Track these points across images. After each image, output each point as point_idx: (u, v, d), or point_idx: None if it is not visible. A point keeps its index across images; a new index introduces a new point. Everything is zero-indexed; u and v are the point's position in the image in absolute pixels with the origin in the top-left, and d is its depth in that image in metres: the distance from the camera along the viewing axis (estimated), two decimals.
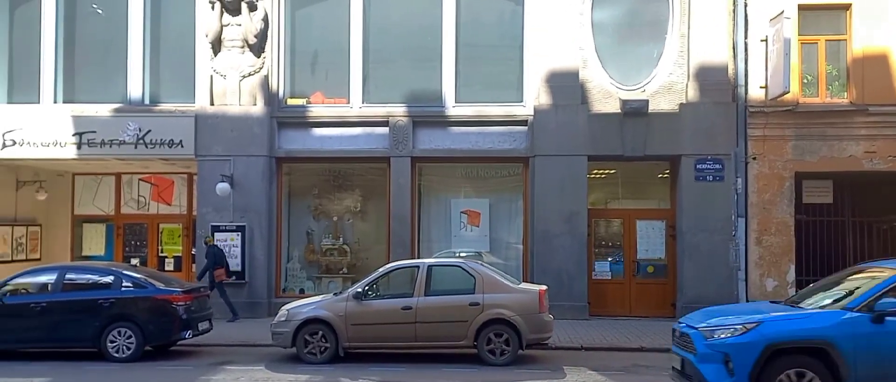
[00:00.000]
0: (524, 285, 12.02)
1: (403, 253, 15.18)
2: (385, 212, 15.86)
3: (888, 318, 7.64)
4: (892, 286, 7.85)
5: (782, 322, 7.95)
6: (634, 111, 15.15)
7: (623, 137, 15.22)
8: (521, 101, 15.73)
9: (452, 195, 16.23)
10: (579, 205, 15.23)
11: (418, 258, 14.83)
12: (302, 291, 16.00)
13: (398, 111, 15.67)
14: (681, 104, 15.26)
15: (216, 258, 15.08)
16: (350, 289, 11.47)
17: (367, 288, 11.27)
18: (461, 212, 16.08)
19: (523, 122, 15.62)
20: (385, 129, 15.64)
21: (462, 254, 15.27)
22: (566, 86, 15.32)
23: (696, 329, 8.28)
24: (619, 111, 15.23)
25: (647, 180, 16.44)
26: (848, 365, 7.60)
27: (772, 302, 10.05)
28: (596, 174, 16.28)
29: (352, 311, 11.17)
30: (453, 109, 15.68)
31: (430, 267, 11.47)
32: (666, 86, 15.43)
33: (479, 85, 15.84)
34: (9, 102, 16.14)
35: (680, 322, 8.87)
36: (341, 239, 16.35)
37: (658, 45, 15.54)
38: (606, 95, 15.43)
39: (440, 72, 15.74)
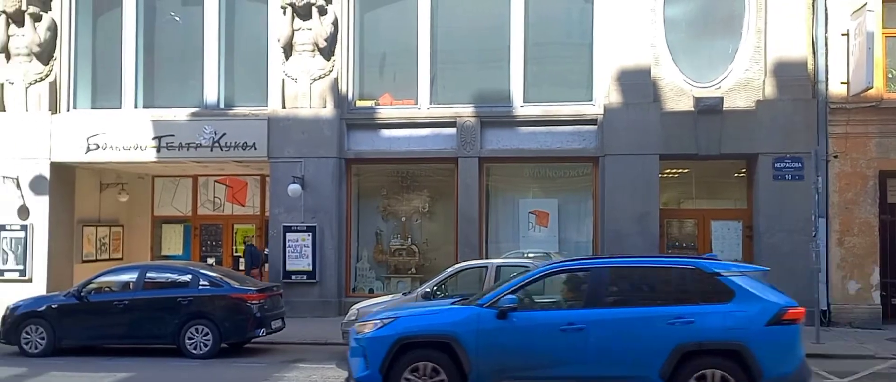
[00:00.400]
0: None
1: (471, 253, 15.03)
2: (453, 213, 15.74)
3: (511, 314, 7.82)
4: (520, 284, 8.13)
5: (414, 318, 8.32)
6: (709, 109, 14.68)
7: (697, 136, 14.76)
8: (591, 100, 15.41)
9: (520, 195, 16.02)
10: (651, 205, 14.83)
11: (486, 259, 14.54)
12: (371, 291, 15.99)
13: (466, 112, 15.56)
14: (757, 101, 14.72)
15: (253, 258, 15.41)
16: (419, 289, 11.38)
17: (435, 288, 11.16)
18: (529, 213, 15.84)
19: (593, 121, 15.31)
20: (453, 130, 15.54)
21: (530, 255, 14.71)
22: (638, 83, 14.95)
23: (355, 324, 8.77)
24: (693, 109, 14.76)
25: (722, 179, 15.90)
26: (469, 359, 7.82)
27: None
28: (668, 173, 15.84)
29: None
30: (521, 109, 15.47)
31: (498, 267, 11.28)
32: (742, 82, 14.91)
33: (548, 84, 15.57)
34: (93, 107, 16.65)
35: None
36: (409, 239, 16.32)
37: (733, 40, 15.03)
38: (679, 93, 15.00)
39: (508, 71, 15.54)
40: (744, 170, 15.45)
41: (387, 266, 16.40)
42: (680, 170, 15.97)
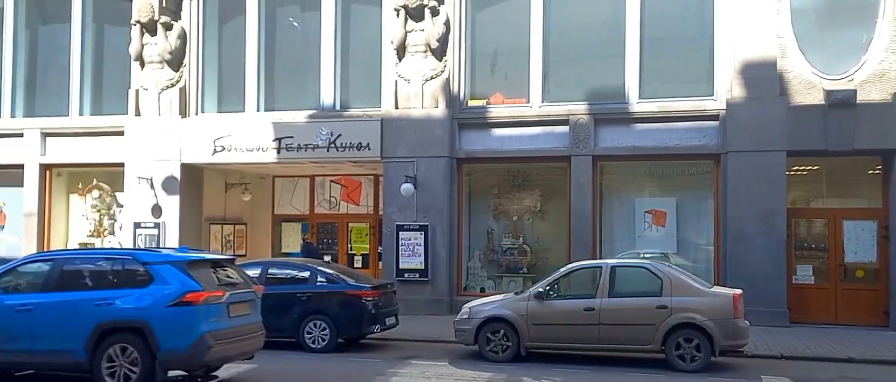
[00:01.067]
0: (716, 288, 11.22)
1: (584, 253, 14.63)
2: (565, 212, 15.35)
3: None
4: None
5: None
6: (840, 102, 13.65)
7: (826, 131, 13.76)
8: (712, 95, 14.63)
9: (636, 194, 15.43)
10: (777, 204, 13.94)
11: (600, 259, 14.22)
12: (482, 290, 15.79)
13: (579, 109, 15.15)
14: (895, 94, 13.64)
15: (309, 254, 15.91)
16: (531, 289, 11.23)
17: (548, 287, 11.00)
18: (645, 212, 15.23)
19: (714, 117, 14.54)
20: (565, 128, 15.17)
21: (647, 255, 14.42)
22: (763, 77, 14.06)
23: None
24: (823, 102, 13.76)
25: (856, 176, 14.75)
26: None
27: None
28: (796, 170, 14.86)
29: (533, 311, 10.91)
30: (637, 105, 14.88)
31: (613, 267, 10.98)
32: (877, 74, 13.79)
33: (665, 79, 14.90)
34: (219, 111, 17.25)
35: None
36: (521, 238, 16.05)
37: (867, 30, 13.91)
38: (808, 86, 14.04)
39: (623, 67, 14.98)
40: (879, 167, 14.29)
41: (498, 265, 16.17)
42: (809, 168, 14.95)
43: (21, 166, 17.91)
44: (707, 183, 14.95)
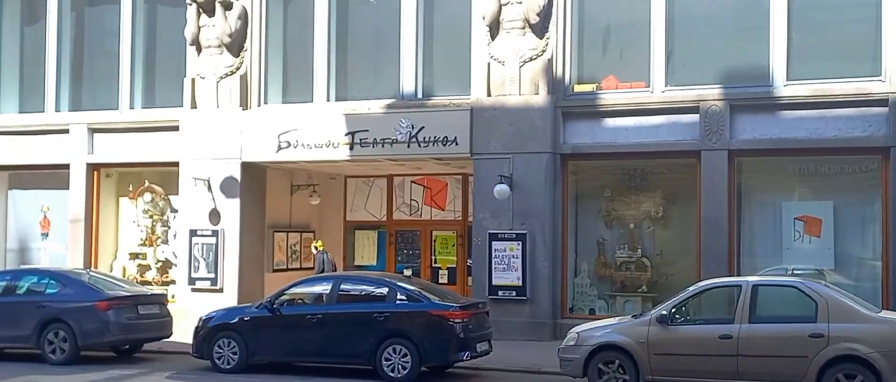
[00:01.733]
0: (885, 313, 10.83)
1: (718, 268, 14.20)
2: (694, 219, 14.94)
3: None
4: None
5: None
6: None
7: None
8: (878, 75, 13.95)
9: (783, 197, 14.90)
10: None
11: (738, 275, 13.89)
12: (592, 312, 15.55)
13: (711, 94, 14.69)
14: None
15: (324, 266, 16.04)
16: (653, 311, 11.02)
17: (674, 310, 10.79)
18: (795, 219, 14.71)
19: (881, 102, 13.83)
20: (694, 117, 14.76)
21: (797, 272, 14.01)
22: None
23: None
24: None
25: None
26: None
27: None
28: None
29: (655, 338, 10.65)
30: (784, 89, 14.34)
31: (755, 286, 10.65)
32: None
33: (819, 57, 14.38)
34: (283, 102, 17.43)
35: None
36: (640, 250, 15.70)
37: None
38: None
39: (767, 43, 14.47)
40: None
41: (611, 282, 15.86)
42: None
43: (66, 166, 18.60)
44: (873, 183, 14.37)
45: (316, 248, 16.71)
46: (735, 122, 14.70)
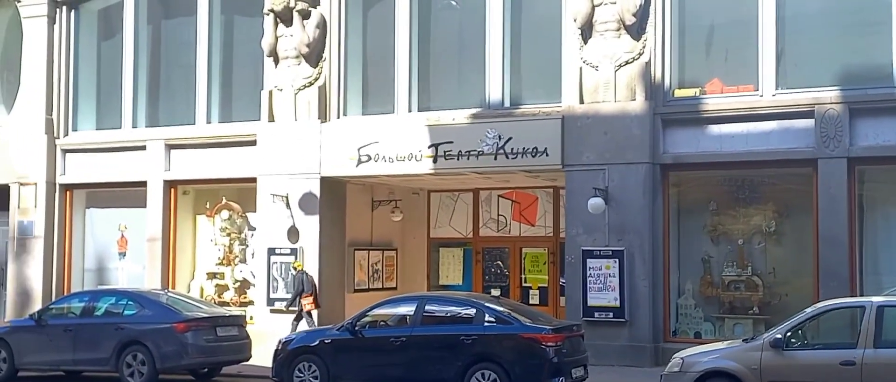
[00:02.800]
0: None
1: (838, 287, 13.69)
2: (810, 234, 14.43)
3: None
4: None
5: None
6: None
7: None
8: None
9: None
10: None
11: (861, 295, 13.34)
12: (697, 335, 15.20)
13: (827, 96, 14.15)
14: None
15: (303, 286, 16.11)
16: (766, 335, 10.68)
17: (789, 333, 10.46)
18: None
19: None
20: (809, 122, 14.25)
21: None
22: None
23: None
24: None
25: None
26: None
27: None
28: None
29: (769, 364, 10.35)
30: None
31: (881, 307, 10.21)
32: None
33: None
34: (363, 114, 17.46)
35: None
36: (749, 268, 15.20)
37: None
38: None
39: (889, 39, 13.94)
40: None
41: (718, 303, 15.42)
42: None
43: (143, 183, 18.98)
44: None
45: (294, 268, 16.65)
46: (855, 127, 14.17)
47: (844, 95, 14.16)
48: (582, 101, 15.53)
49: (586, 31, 15.48)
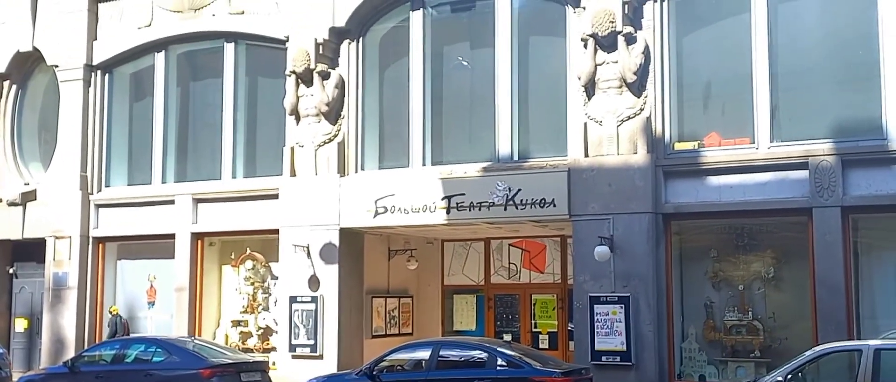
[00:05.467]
0: None
1: (835, 331, 13.52)
2: (808, 279, 14.29)
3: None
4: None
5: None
6: None
7: None
8: None
9: None
10: None
11: (858, 339, 13.19)
12: (702, 378, 15.04)
13: (820, 148, 14.16)
14: None
15: (116, 329, 16.21)
16: (767, 378, 10.75)
17: (790, 376, 10.56)
18: None
19: None
20: (803, 173, 14.24)
21: None
22: None
23: None
24: None
25: None
26: None
27: None
28: None
29: None
30: None
31: (877, 350, 10.31)
32: None
33: None
34: (380, 168, 17.60)
35: None
36: (750, 313, 15.04)
37: None
38: None
39: (879, 92, 13.94)
40: None
41: (721, 346, 15.24)
42: None
43: (172, 236, 19.13)
44: None
45: (111, 312, 16.79)
46: (848, 178, 14.11)
47: (837, 147, 14.15)
48: (587, 155, 15.60)
49: (590, 88, 15.62)
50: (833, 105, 14.59)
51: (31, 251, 20.51)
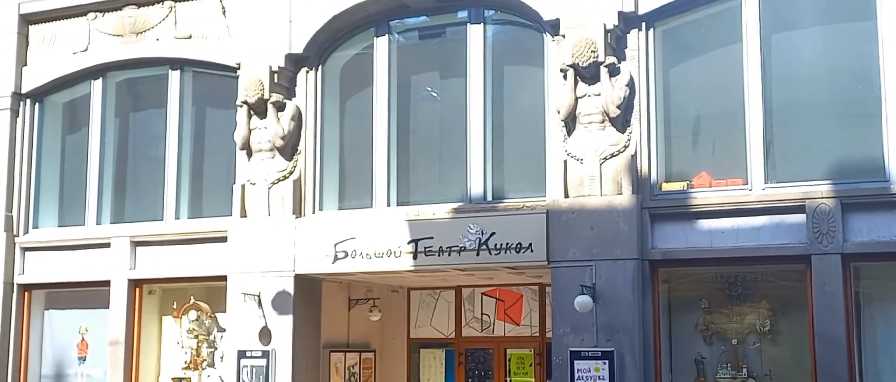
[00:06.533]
0: None
1: None
2: (806, 332, 14.43)
3: None
4: None
5: None
6: None
7: None
8: None
9: None
10: None
11: None
12: None
13: (818, 190, 14.34)
14: None
15: None
16: None
17: None
18: None
19: None
20: (800, 217, 14.40)
21: None
22: None
23: None
24: None
25: None
26: None
27: None
28: None
29: None
30: None
31: None
32: None
33: None
34: (340, 208, 17.61)
35: None
36: (745, 369, 15.18)
37: None
38: None
39: (880, 130, 14.20)
40: None
41: None
42: None
43: (107, 283, 18.94)
44: None
45: None
46: (848, 223, 14.27)
47: (836, 189, 14.30)
48: (567, 195, 15.69)
49: (570, 123, 15.76)
50: (831, 143, 14.79)
51: None
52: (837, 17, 15.18)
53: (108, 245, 19.16)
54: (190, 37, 18.93)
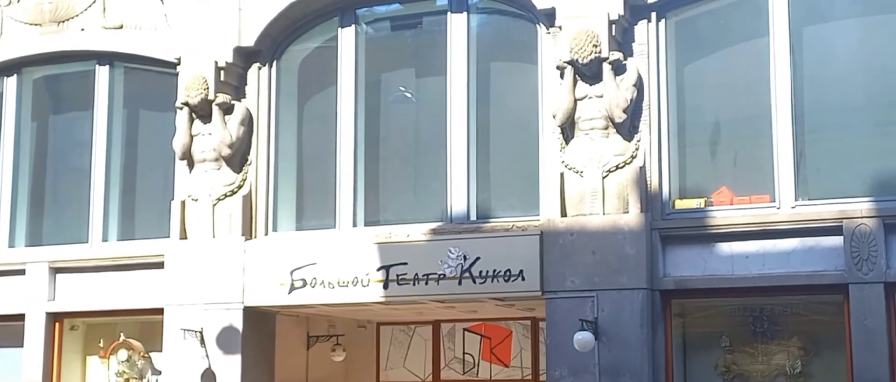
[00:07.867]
0: None
1: None
2: (844, 374, 14.41)
3: None
4: None
5: None
6: None
7: None
8: None
9: None
10: None
11: None
12: None
13: (858, 209, 14.33)
14: None
15: None
16: None
17: None
18: None
19: None
20: (837, 239, 14.39)
21: None
22: None
23: None
24: None
25: None
26: None
27: None
28: None
29: None
30: None
31: None
32: None
33: None
34: (298, 229, 17.50)
35: None
36: None
37: None
38: None
39: None
40: None
41: None
42: None
43: (21, 317, 18.67)
44: None
45: None
46: (892, 246, 14.33)
47: (878, 208, 14.32)
48: (564, 214, 15.63)
49: (568, 129, 15.70)
50: (872, 154, 14.85)
51: None
52: (878, 6, 15.24)
53: (22, 271, 18.88)
54: (121, 27, 18.73)
